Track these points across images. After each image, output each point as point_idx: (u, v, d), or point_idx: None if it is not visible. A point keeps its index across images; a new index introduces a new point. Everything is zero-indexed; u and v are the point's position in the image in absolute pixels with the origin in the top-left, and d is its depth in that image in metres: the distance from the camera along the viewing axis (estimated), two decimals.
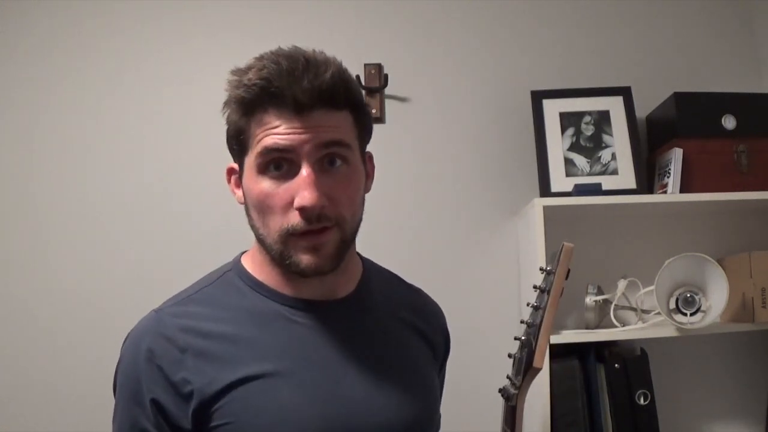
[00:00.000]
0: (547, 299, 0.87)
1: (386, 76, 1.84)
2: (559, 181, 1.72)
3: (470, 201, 1.86)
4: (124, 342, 0.88)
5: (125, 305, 1.71)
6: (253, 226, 0.87)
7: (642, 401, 1.56)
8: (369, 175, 0.93)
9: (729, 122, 1.70)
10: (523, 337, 0.88)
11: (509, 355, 0.89)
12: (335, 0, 1.90)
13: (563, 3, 1.93)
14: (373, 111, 1.86)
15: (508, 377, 0.89)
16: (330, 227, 0.82)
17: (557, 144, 1.75)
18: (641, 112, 1.82)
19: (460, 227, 1.85)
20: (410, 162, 1.87)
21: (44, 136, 1.83)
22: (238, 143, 0.86)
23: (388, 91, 1.88)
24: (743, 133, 1.69)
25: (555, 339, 1.54)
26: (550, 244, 1.57)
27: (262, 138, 0.81)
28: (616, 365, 1.57)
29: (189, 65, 1.86)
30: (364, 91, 1.85)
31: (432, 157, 1.87)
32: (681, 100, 1.70)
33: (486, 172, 1.87)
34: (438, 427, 1.01)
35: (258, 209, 0.84)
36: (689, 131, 1.69)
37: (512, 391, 0.88)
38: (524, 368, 0.86)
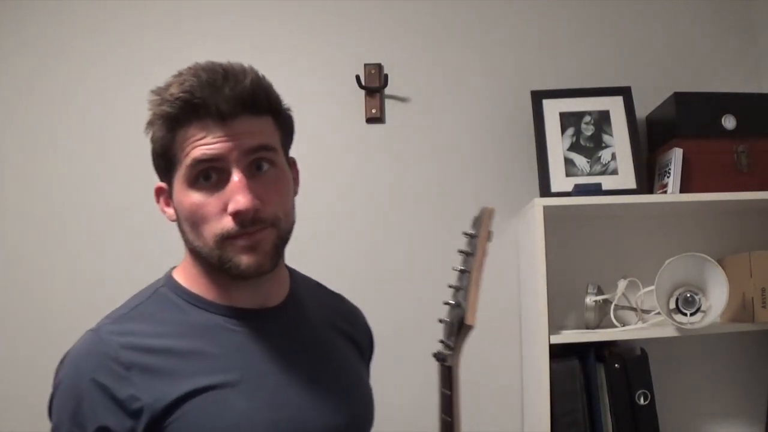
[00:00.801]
0: (473, 262, 0.94)
1: (386, 76, 1.84)
2: (559, 181, 1.72)
3: (470, 201, 1.86)
4: (61, 365, 0.84)
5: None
6: (187, 240, 0.87)
7: (642, 401, 1.56)
8: (295, 180, 0.95)
9: (729, 122, 1.70)
10: (452, 301, 0.92)
11: (439, 321, 0.92)
12: (335, 0, 1.90)
13: (563, 3, 1.93)
14: (373, 111, 1.86)
15: (441, 341, 0.91)
16: (265, 227, 0.84)
17: (557, 144, 1.75)
18: (641, 112, 1.82)
19: (461, 227, 1.84)
20: (410, 162, 1.87)
21: (44, 135, 1.83)
22: (164, 160, 0.86)
23: (388, 91, 1.88)
24: (743, 133, 1.69)
25: (555, 339, 1.54)
26: (550, 244, 1.57)
27: (189, 151, 0.82)
28: (616, 365, 1.57)
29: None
30: (364, 91, 1.85)
31: (432, 157, 1.87)
32: (681, 100, 1.70)
33: (486, 172, 1.87)
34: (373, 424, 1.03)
35: (191, 222, 0.84)
36: (689, 131, 1.69)
37: (447, 352, 0.90)
38: (457, 328, 0.90)
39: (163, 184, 0.89)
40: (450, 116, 1.89)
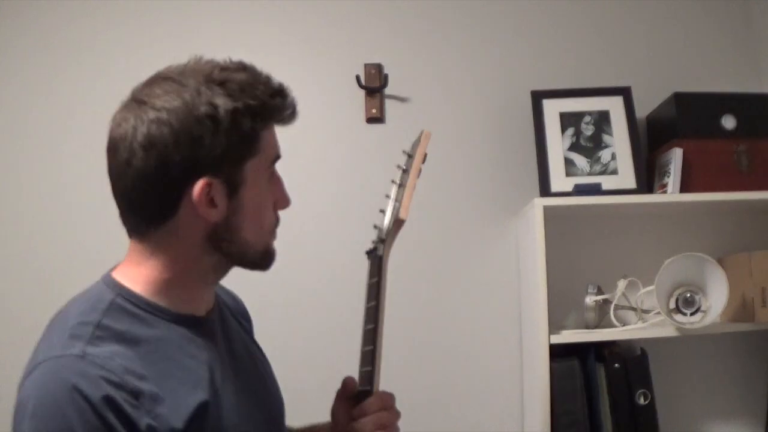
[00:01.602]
0: (410, 172, 1.09)
1: (386, 76, 1.84)
2: (559, 181, 1.72)
3: (470, 201, 1.86)
4: (31, 408, 0.71)
5: None
6: (237, 241, 0.85)
7: (642, 401, 1.56)
8: None
9: (729, 122, 1.70)
10: (387, 208, 1.06)
11: (375, 226, 1.02)
12: (336, 0, 1.90)
13: (563, 3, 1.93)
14: (373, 111, 1.86)
15: (372, 241, 1.00)
16: None
17: (557, 144, 1.75)
18: (641, 112, 1.82)
19: (460, 227, 1.85)
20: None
21: (43, 136, 1.83)
22: (245, 149, 0.83)
23: (388, 91, 1.88)
24: (743, 133, 1.69)
25: (555, 339, 1.55)
26: (550, 244, 1.57)
27: (273, 145, 0.87)
28: (616, 365, 1.57)
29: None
30: (364, 91, 1.85)
31: (432, 157, 1.86)
32: (681, 100, 1.70)
33: (486, 172, 1.87)
34: None
35: (260, 214, 0.86)
36: (689, 131, 1.69)
37: (379, 244, 0.99)
38: (391, 223, 1.01)
39: (210, 180, 0.80)
40: (450, 116, 1.89)
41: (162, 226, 0.82)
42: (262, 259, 0.88)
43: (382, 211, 1.05)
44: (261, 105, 0.82)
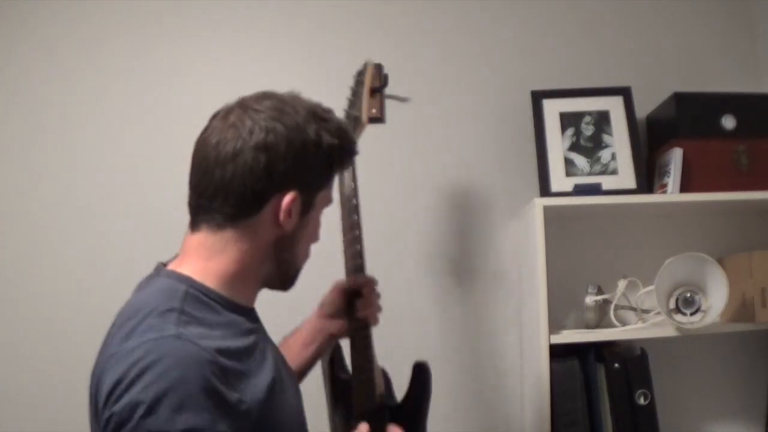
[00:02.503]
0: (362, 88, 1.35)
1: (386, 76, 1.84)
2: (559, 181, 1.72)
3: (470, 201, 1.86)
4: (155, 375, 0.76)
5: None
6: (292, 254, 0.98)
7: (642, 401, 1.56)
8: None
9: (729, 122, 1.70)
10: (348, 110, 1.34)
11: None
12: (336, 0, 1.90)
13: (563, 3, 1.93)
14: (373, 111, 1.85)
15: None
16: None
17: (557, 144, 1.75)
18: (641, 112, 1.82)
19: (460, 227, 1.85)
20: (410, 162, 1.87)
21: (43, 135, 1.83)
22: (325, 180, 0.98)
23: (388, 91, 1.87)
24: (743, 133, 1.69)
25: (555, 339, 1.55)
26: (550, 244, 1.57)
27: (332, 186, 1.01)
28: (616, 365, 1.57)
29: (189, 64, 1.86)
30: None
31: (432, 157, 1.87)
32: (681, 100, 1.70)
33: (486, 172, 1.87)
34: None
35: (314, 238, 1.02)
36: (689, 131, 1.69)
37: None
38: (354, 127, 1.30)
39: (296, 194, 0.92)
40: (450, 116, 1.89)
41: (242, 222, 0.91)
42: (293, 280, 1.02)
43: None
44: (347, 151, 0.98)
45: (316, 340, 1.24)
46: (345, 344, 1.28)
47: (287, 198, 0.91)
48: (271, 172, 0.90)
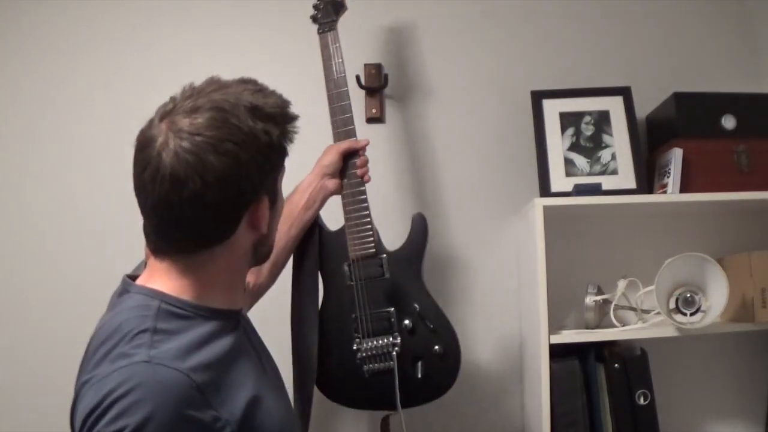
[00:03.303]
0: None
1: (386, 76, 1.84)
2: (559, 181, 1.72)
3: (470, 201, 1.86)
4: (132, 402, 0.75)
5: None
6: (269, 242, 0.98)
7: (642, 401, 1.56)
8: None
9: (729, 122, 1.70)
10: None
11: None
12: None
13: (564, 3, 1.93)
14: (373, 111, 1.86)
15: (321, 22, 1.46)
16: None
17: (557, 144, 1.75)
18: (641, 112, 1.82)
19: (460, 227, 1.85)
20: (410, 162, 1.87)
21: (43, 135, 1.83)
22: (281, 165, 0.95)
23: (388, 91, 1.88)
24: (743, 133, 1.69)
25: (555, 339, 1.54)
26: (550, 244, 1.57)
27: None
28: (616, 365, 1.57)
29: (187, 64, 1.86)
30: (364, 91, 1.85)
31: (431, 157, 1.87)
32: (681, 100, 1.70)
33: (486, 172, 1.87)
34: None
35: (281, 214, 1.01)
36: (689, 131, 1.69)
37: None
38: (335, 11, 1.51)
39: (264, 197, 0.90)
40: (450, 116, 1.89)
41: (217, 246, 0.88)
42: (269, 254, 1.00)
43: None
44: (292, 127, 0.92)
45: (317, 201, 1.40)
46: None
47: (259, 207, 0.90)
48: (239, 197, 0.87)
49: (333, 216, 1.51)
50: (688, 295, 1.56)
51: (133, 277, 0.94)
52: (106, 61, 1.86)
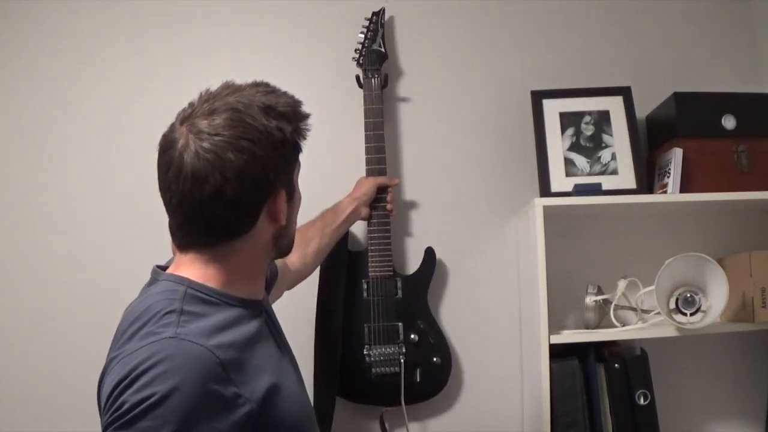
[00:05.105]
0: None
1: (386, 76, 1.84)
2: (559, 181, 1.72)
3: (470, 201, 1.86)
4: (156, 375, 0.79)
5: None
6: (290, 234, 1.02)
7: (642, 401, 1.56)
8: None
9: (729, 122, 1.70)
10: None
11: None
12: (335, 0, 1.90)
13: (564, 3, 1.93)
14: None
15: None
16: None
17: (557, 144, 1.75)
18: (641, 112, 1.82)
19: (460, 227, 1.85)
20: (410, 162, 1.87)
21: (43, 135, 1.83)
22: (296, 160, 1.00)
23: (388, 91, 1.88)
24: (743, 133, 1.69)
25: (555, 339, 1.54)
26: (550, 244, 1.57)
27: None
28: (616, 365, 1.57)
29: (187, 64, 1.86)
30: (363, 91, 1.85)
31: (432, 157, 1.87)
32: (681, 100, 1.70)
33: (486, 172, 1.87)
34: None
35: (299, 206, 1.05)
36: (689, 131, 1.69)
37: None
38: None
39: (281, 191, 0.96)
40: (450, 116, 1.89)
41: (239, 238, 0.94)
42: (290, 246, 1.05)
43: None
44: (304, 124, 0.98)
45: (349, 223, 1.64)
46: None
47: (277, 200, 0.95)
48: (257, 192, 0.92)
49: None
50: (688, 295, 1.56)
51: (162, 267, 1.00)
52: (106, 61, 1.86)
